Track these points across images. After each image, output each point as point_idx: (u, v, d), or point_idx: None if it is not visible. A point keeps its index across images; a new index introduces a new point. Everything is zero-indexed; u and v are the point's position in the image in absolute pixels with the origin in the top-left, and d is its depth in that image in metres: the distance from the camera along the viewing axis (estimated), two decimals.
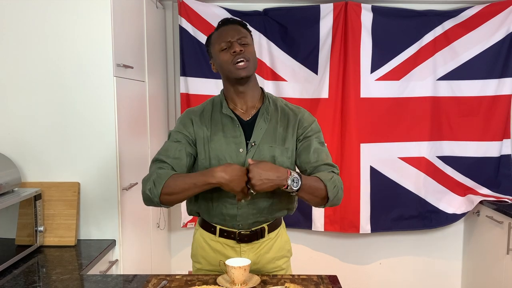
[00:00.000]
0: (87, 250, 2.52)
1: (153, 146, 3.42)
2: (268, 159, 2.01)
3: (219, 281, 1.89)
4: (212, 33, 2.11)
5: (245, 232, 2.08)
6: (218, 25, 2.09)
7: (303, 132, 2.09)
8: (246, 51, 1.99)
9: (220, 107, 2.09)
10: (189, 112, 2.14)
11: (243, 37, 2.01)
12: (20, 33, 2.57)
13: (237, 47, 1.97)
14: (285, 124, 2.09)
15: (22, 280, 2.10)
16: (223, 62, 2.00)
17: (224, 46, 2.00)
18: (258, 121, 2.05)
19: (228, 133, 2.04)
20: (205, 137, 2.05)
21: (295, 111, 2.14)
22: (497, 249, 3.55)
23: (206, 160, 2.04)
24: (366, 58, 3.81)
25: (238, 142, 2.03)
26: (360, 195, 3.89)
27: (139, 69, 3.13)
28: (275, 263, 2.15)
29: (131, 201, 2.87)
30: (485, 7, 3.77)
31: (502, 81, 3.83)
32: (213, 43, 2.06)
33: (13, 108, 2.62)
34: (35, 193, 2.47)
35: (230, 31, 2.02)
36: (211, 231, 2.12)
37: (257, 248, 2.11)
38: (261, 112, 2.07)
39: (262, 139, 2.04)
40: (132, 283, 2.02)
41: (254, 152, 2.02)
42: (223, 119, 2.06)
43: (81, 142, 2.62)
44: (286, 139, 2.06)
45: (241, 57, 1.97)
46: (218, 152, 2.02)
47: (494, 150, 3.91)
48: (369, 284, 4.20)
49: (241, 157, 2.01)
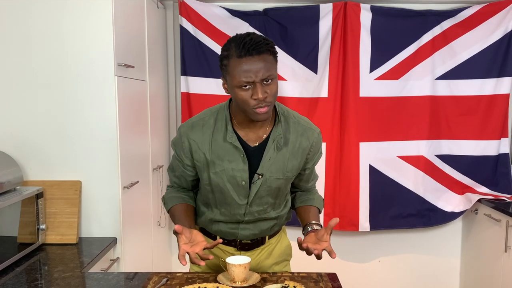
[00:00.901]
0: (88, 248, 2.51)
1: (154, 145, 3.42)
2: (273, 190, 1.93)
3: (219, 279, 1.89)
4: (230, 52, 1.71)
5: (245, 241, 2.06)
6: (241, 48, 1.67)
7: (312, 158, 2.00)
8: (269, 94, 1.70)
9: (224, 130, 1.86)
10: (188, 129, 1.92)
11: (269, 75, 1.69)
12: (22, 32, 2.57)
13: (261, 93, 1.67)
14: (296, 149, 1.92)
15: (24, 278, 2.10)
16: (240, 100, 1.72)
17: (245, 85, 1.68)
18: (268, 150, 1.87)
19: (230, 162, 1.87)
20: (205, 163, 1.90)
21: (308, 135, 1.94)
22: (495, 247, 3.54)
23: (208, 186, 1.95)
24: (365, 57, 3.81)
25: (241, 174, 1.88)
26: (359, 193, 3.89)
27: (140, 68, 3.12)
28: (275, 268, 2.14)
29: (132, 199, 2.87)
30: (483, 7, 3.77)
31: (500, 80, 3.83)
32: (230, 73, 1.71)
33: (15, 107, 2.61)
34: (37, 192, 2.47)
35: (255, 66, 1.66)
36: (212, 237, 2.07)
37: (257, 255, 2.09)
38: (271, 138, 1.87)
39: (269, 169, 1.89)
40: (133, 281, 2.01)
41: (261, 184, 1.90)
42: (226, 145, 1.86)
43: (83, 140, 2.62)
44: (294, 167, 1.94)
45: (264, 104, 1.70)
46: (219, 181, 1.89)
47: (492, 149, 3.90)
48: (368, 282, 4.20)
49: (244, 189, 1.91)
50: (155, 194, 3.39)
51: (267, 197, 1.95)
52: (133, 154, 2.93)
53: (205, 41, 3.74)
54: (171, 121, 4.04)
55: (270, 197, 1.96)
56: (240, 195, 1.92)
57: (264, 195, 1.93)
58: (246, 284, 1.84)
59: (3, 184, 2.30)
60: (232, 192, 1.91)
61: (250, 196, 1.92)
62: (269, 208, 1.99)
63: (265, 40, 1.70)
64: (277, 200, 2.00)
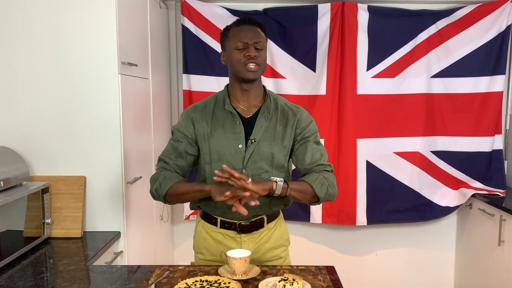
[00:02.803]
0: (93, 241, 2.51)
1: (157, 141, 3.42)
2: (266, 155, 2.05)
3: (220, 272, 1.89)
4: (230, 25, 2.07)
5: (245, 223, 2.09)
6: (239, 20, 2.05)
7: (301, 132, 2.10)
8: (259, 56, 2.00)
9: (223, 104, 2.09)
10: (191, 109, 2.15)
11: (260, 42, 2.00)
12: (29, 32, 2.56)
13: (253, 51, 1.97)
14: (284, 123, 2.10)
15: (30, 271, 2.09)
16: (235, 60, 2.00)
17: (240, 46, 1.99)
18: (259, 119, 2.06)
19: (228, 129, 2.05)
20: (205, 133, 2.07)
21: (294, 111, 2.14)
22: (489, 240, 3.54)
23: (207, 155, 2.07)
24: (363, 56, 3.80)
25: (237, 138, 2.04)
26: (357, 188, 3.89)
27: (143, 66, 3.12)
28: (274, 252, 2.16)
29: (135, 194, 2.86)
30: (477, 7, 3.76)
31: (494, 79, 3.82)
32: (229, 38, 2.03)
33: (21, 104, 2.61)
34: (43, 187, 2.47)
35: (250, 32, 2.00)
36: (212, 223, 2.13)
37: (256, 238, 2.12)
38: (262, 110, 2.08)
39: (261, 136, 2.05)
40: (136, 274, 2.01)
41: (254, 148, 2.04)
42: (225, 115, 2.07)
43: (87, 137, 2.61)
44: (285, 137, 2.08)
45: (254, 61, 1.98)
46: (218, 148, 2.05)
47: (486, 145, 3.90)
48: (365, 275, 4.20)
49: (240, 152, 2.03)
50: None
51: (261, 162, 2.05)
52: (136, 150, 2.92)
53: (206, 40, 3.74)
54: (173, 118, 4.03)
55: (264, 163, 2.05)
56: (237, 159, 2.04)
57: (258, 160, 2.04)
58: (246, 277, 1.84)
59: (9, 179, 2.30)
60: (230, 156, 2.04)
61: (245, 160, 2.03)
62: (264, 174, 2.05)
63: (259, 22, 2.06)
64: (274, 170, 2.07)
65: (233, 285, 1.73)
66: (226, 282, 1.76)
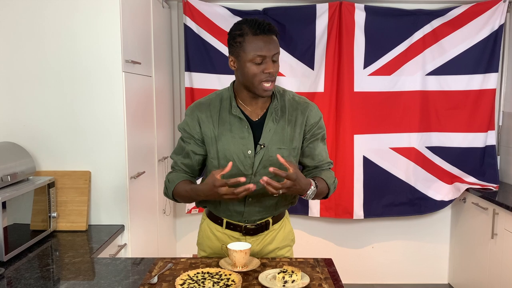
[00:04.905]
0: (97, 234, 2.50)
1: (160, 137, 3.41)
2: (276, 160, 1.86)
3: (221, 264, 1.88)
4: (244, 29, 1.84)
5: (250, 226, 2.04)
6: (256, 27, 1.82)
7: (310, 129, 2.02)
8: (275, 71, 1.85)
9: (229, 106, 1.95)
10: (195, 107, 2.00)
11: (277, 53, 1.84)
12: (36, 30, 2.55)
13: (271, 67, 1.82)
14: (293, 122, 1.98)
15: (37, 263, 2.09)
16: (250, 74, 1.83)
17: (258, 60, 1.81)
18: (267, 122, 1.94)
19: (236, 133, 1.93)
20: (213, 137, 1.95)
21: (303, 107, 2.01)
22: (482, 233, 3.54)
23: (215, 159, 1.97)
24: (359, 54, 3.80)
25: (246, 143, 1.92)
26: (354, 183, 3.89)
27: (146, 64, 3.11)
28: (278, 252, 2.11)
29: (138, 189, 2.86)
30: (471, 7, 3.75)
31: (487, 76, 3.82)
32: (244, 48, 1.82)
33: (28, 101, 2.60)
34: (49, 181, 2.46)
35: (268, 44, 1.81)
36: (218, 223, 2.08)
37: (261, 240, 2.07)
38: (269, 112, 1.95)
39: (270, 140, 1.93)
40: (139, 266, 2.01)
41: (263, 154, 1.93)
42: (232, 118, 1.94)
43: (92, 133, 2.61)
44: (294, 138, 1.98)
45: (271, 78, 1.84)
46: (227, 153, 1.93)
47: (480, 141, 3.90)
48: (362, 267, 4.20)
49: (249, 158, 1.93)
50: (160, 184, 3.38)
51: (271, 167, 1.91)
52: (140, 146, 2.91)
53: (208, 39, 3.73)
54: (176, 114, 4.03)
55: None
56: (246, 165, 1.93)
57: (268, 165, 1.91)
58: (247, 269, 1.83)
59: (16, 174, 2.30)
60: (239, 162, 1.93)
61: (254, 166, 1.93)
62: (274, 179, 1.91)
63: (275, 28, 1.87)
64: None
65: (233, 277, 1.73)
66: (227, 274, 1.76)
